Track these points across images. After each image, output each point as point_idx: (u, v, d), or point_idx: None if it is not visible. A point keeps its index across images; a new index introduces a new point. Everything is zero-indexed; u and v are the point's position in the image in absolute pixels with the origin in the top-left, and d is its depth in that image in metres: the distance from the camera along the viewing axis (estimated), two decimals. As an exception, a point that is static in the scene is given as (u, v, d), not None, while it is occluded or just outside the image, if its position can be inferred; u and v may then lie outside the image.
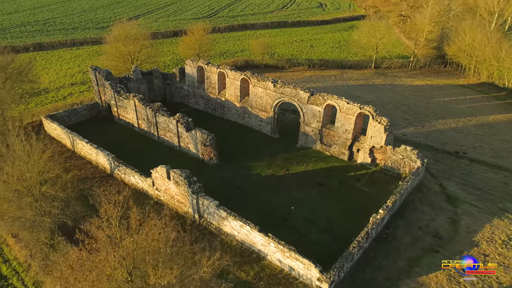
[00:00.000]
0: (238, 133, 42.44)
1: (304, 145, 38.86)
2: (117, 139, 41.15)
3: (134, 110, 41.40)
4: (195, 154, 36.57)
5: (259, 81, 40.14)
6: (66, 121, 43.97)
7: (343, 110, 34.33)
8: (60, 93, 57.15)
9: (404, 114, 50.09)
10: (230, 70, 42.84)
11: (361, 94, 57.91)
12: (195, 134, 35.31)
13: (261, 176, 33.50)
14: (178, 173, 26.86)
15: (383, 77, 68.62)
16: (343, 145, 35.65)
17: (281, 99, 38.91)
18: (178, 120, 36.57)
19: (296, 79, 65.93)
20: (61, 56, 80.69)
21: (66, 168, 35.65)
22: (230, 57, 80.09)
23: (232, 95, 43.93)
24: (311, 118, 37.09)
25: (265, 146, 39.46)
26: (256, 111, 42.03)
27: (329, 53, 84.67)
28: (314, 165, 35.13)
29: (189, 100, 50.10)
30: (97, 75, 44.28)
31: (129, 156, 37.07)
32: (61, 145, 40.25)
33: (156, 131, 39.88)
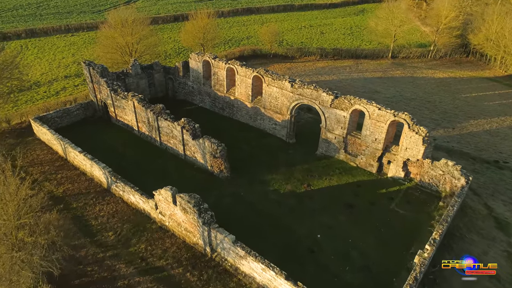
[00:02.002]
0: (249, 137, 38.02)
1: (325, 153, 34.52)
2: (114, 145, 36.81)
3: (133, 111, 36.88)
4: (203, 165, 32.30)
5: (274, 80, 35.44)
6: (58, 123, 39.55)
7: (374, 116, 29.82)
8: (52, 87, 52.42)
9: (430, 113, 45.49)
10: (240, 66, 38.06)
11: (380, 89, 53.15)
12: (203, 143, 30.94)
13: (279, 193, 29.30)
14: (186, 199, 22.65)
15: (402, 68, 63.58)
16: (372, 156, 31.30)
17: (299, 101, 34.32)
18: (183, 126, 32.12)
19: (308, 70, 61.00)
20: (55, 43, 75.42)
21: (57, 181, 31.64)
22: (235, 45, 74.77)
23: (243, 94, 39.29)
24: (334, 124, 32.61)
25: (280, 154, 35.12)
26: (269, 113, 37.49)
27: (341, 41, 79.22)
28: (339, 179, 30.88)
29: (194, 97, 45.45)
30: (91, 71, 39.51)
31: (128, 166, 32.98)
32: (52, 152, 35.89)
33: (159, 137, 35.47)
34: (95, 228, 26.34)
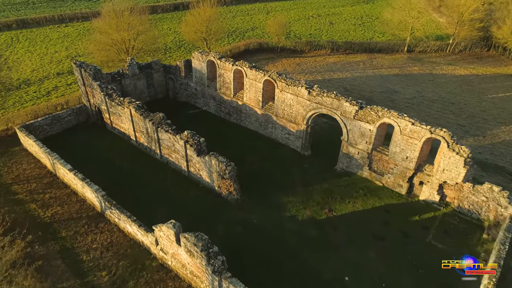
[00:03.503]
0: (259, 147, 34.20)
1: (346, 169, 30.75)
2: (110, 156, 33.06)
3: (130, 120, 32.98)
4: (209, 184, 28.60)
5: (288, 86, 31.40)
6: (47, 131, 35.70)
7: (406, 132, 25.93)
8: (43, 86, 48.30)
9: (456, 118, 41.49)
10: (250, 68, 33.94)
11: (399, 88, 48.99)
12: (209, 161, 27.15)
13: (297, 221, 25.64)
14: (192, 241, 19.00)
15: (419, 64, 59.18)
16: (402, 175, 27.54)
17: (317, 110, 30.37)
18: (186, 140, 28.27)
19: (319, 66, 56.68)
20: (48, 35, 70.85)
21: (45, 203, 28.01)
22: (240, 37, 70.14)
23: (252, 99, 35.27)
24: (358, 137, 28.74)
25: (295, 169, 31.36)
26: (282, 122, 33.57)
27: (352, 32, 74.48)
28: (365, 203, 27.18)
29: (197, 100, 41.42)
30: (83, 74, 35.41)
31: (125, 183, 29.47)
32: (40, 166, 32.13)
33: (159, 149, 31.67)
34: (86, 265, 22.78)
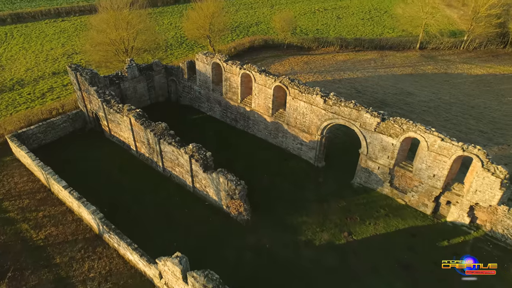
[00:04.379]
0: (269, 158, 31.80)
1: (365, 184, 28.40)
2: (108, 168, 30.72)
3: (130, 129, 30.54)
4: (216, 202, 26.28)
5: (301, 93, 28.87)
6: (40, 139, 33.29)
7: (434, 148, 23.49)
8: (38, 87, 45.70)
9: (477, 124, 38.96)
10: (259, 72, 31.35)
11: (414, 90, 46.37)
12: (216, 178, 24.77)
13: (314, 246, 23.37)
14: (202, 282, 16.72)
15: (433, 62, 56.41)
16: (427, 194, 25.18)
17: (333, 120, 27.89)
18: (191, 155, 25.86)
19: (328, 65, 53.94)
20: (43, 30, 67.99)
21: (38, 222, 25.73)
22: (243, 33, 67.24)
23: (261, 106, 32.76)
24: (378, 151, 26.32)
25: (309, 183, 29.01)
26: (294, 131, 31.12)
27: (360, 28, 71.51)
28: (387, 224, 24.87)
29: (201, 105, 38.88)
30: (78, 78, 32.85)
31: (124, 200, 27.24)
32: (33, 179, 29.81)
33: (161, 162, 29.29)
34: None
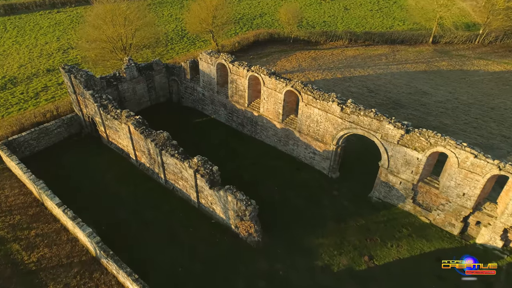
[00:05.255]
0: (279, 167, 29.54)
1: (384, 199, 26.20)
2: (105, 179, 28.56)
3: (128, 137, 28.22)
4: (224, 221, 24.14)
5: (316, 99, 26.43)
6: (33, 146, 31.04)
7: (466, 165, 21.20)
8: (31, 86, 43.20)
9: (499, 127, 36.51)
10: (268, 75, 28.85)
11: (429, 89, 43.81)
12: (224, 196, 22.57)
13: (331, 272, 21.29)
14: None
15: (447, 58, 53.62)
16: (455, 213, 23.00)
17: (350, 130, 25.54)
18: (196, 169, 23.59)
19: (337, 61, 51.24)
20: (38, 22, 65.08)
21: (30, 242, 23.64)
22: (247, 25, 64.28)
23: (270, 111, 30.36)
24: (401, 166, 24.03)
25: (323, 197, 26.82)
26: (307, 139, 28.79)
27: (369, 19, 68.45)
28: (411, 246, 22.74)
29: (205, 107, 36.44)
30: (73, 80, 30.37)
31: (123, 215, 25.30)
32: (25, 192, 27.63)
33: (163, 173, 27.06)
34: (78, 336, 18.67)
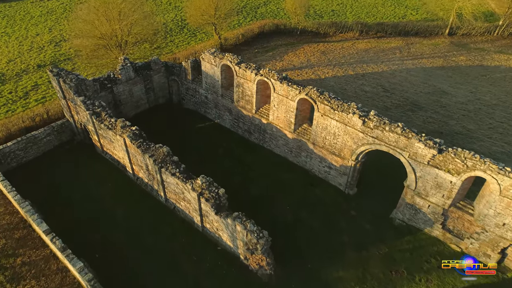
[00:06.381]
0: (291, 183, 26.86)
1: (408, 222, 23.62)
2: (99, 194, 26.01)
3: (124, 150, 25.46)
4: (231, 249, 21.63)
5: (333, 110, 23.52)
6: (20, 157, 28.35)
7: (509, 193, 18.52)
8: (21, 84, 40.15)
9: (527, 133, 33.74)
10: (279, 80, 25.84)
11: (448, 88, 40.73)
12: (232, 225, 19.97)
13: (354, 313, 18.96)
14: None
15: (466, 52, 50.26)
16: (492, 244, 20.45)
17: (373, 145, 22.73)
18: (200, 193, 20.92)
19: (348, 56, 47.95)
20: (29, 11, 61.34)
21: (16, 273, 21.16)
22: (251, 15, 60.57)
23: (281, 120, 27.48)
24: (431, 188, 21.34)
25: (341, 219, 24.24)
26: (322, 152, 26.02)
27: (380, 8, 64.61)
28: (441, 281, 20.28)
29: (208, 111, 33.52)
30: (62, 85, 27.37)
31: (118, 239, 22.73)
32: (11, 210, 24.96)
33: (163, 191, 24.42)
34: None
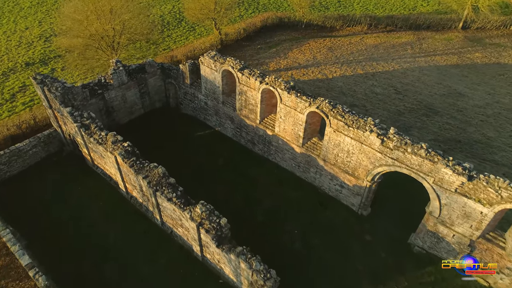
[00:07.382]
0: (299, 202, 24.59)
1: (429, 250, 21.46)
2: (89, 214, 23.75)
3: (116, 167, 23.13)
4: (235, 283, 19.51)
5: (348, 126, 21.08)
6: (4, 172, 26.04)
7: (550, 231, 16.30)
8: (7, 85, 37.52)
9: (551, 142, 31.32)
10: (287, 90, 23.30)
11: (464, 89, 38.12)
12: (236, 260, 17.80)
13: None
14: None
15: (481, 47, 47.43)
16: (525, 282, 18.37)
17: (391, 167, 20.38)
18: (200, 223, 18.67)
19: (357, 52, 45.13)
20: (18, 2, 58.06)
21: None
22: (253, 6, 57.37)
23: (288, 132, 25.05)
24: (457, 217, 19.10)
25: (354, 244, 22.08)
26: (333, 170, 23.68)
27: (389, 0, 61.23)
28: (468, 323, 18.35)
29: (208, 117, 31.05)
30: (46, 93, 24.83)
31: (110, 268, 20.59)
32: (-7, 234, 22.91)
33: (159, 215, 22.20)
34: None
